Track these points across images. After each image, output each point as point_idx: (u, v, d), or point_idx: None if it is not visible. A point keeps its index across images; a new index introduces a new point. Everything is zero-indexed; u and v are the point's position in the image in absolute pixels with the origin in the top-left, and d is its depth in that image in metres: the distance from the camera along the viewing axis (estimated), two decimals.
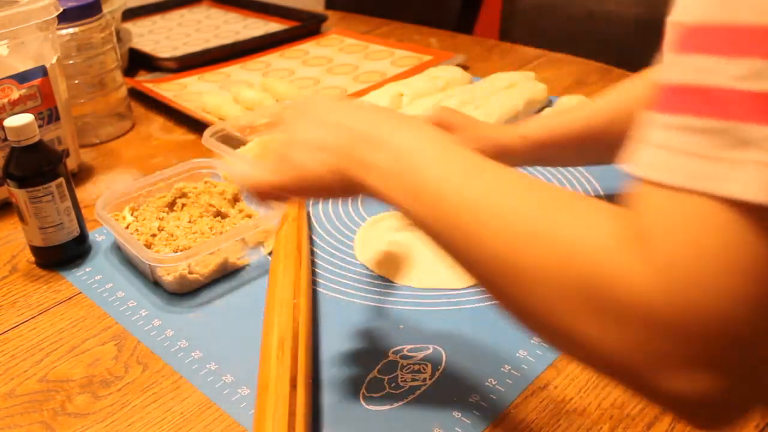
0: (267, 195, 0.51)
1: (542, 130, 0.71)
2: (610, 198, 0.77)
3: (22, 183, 0.69)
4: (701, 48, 0.32)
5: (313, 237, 0.78)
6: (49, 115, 0.87)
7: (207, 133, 0.89)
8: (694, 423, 0.34)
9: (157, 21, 1.61)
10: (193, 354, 0.62)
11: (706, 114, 0.31)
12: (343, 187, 0.48)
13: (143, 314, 0.67)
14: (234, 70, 1.27)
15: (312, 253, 0.75)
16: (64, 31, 0.96)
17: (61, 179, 0.71)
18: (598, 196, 0.79)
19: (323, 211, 0.82)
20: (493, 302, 0.40)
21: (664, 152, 0.32)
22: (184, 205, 0.77)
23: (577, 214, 0.35)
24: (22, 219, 0.72)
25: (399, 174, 0.44)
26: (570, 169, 0.87)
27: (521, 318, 0.38)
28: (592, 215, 0.35)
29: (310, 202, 0.84)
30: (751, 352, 0.31)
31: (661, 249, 0.31)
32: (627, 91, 0.69)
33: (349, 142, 0.47)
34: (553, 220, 0.36)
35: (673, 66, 0.33)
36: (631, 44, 1.31)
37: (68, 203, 0.73)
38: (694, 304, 0.30)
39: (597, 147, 0.70)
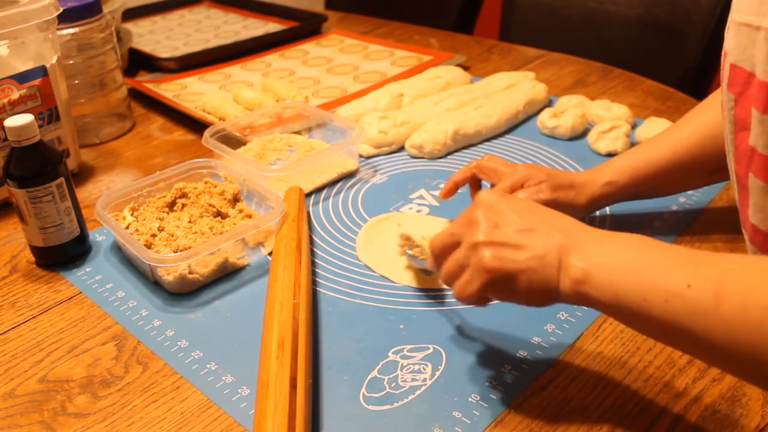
0: (474, 301, 0.52)
1: (625, 171, 0.70)
2: (620, 218, 0.77)
3: (22, 183, 0.70)
4: None
5: (313, 237, 0.78)
6: (49, 115, 0.87)
7: (207, 133, 0.90)
8: None
9: (157, 21, 1.61)
10: (193, 354, 0.62)
11: None
12: (535, 291, 0.49)
13: (143, 314, 0.67)
14: (234, 70, 1.27)
15: (312, 253, 0.75)
16: (64, 31, 0.97)
17: (61, 179, 0.71)
18: (604, 216, 0.79)
19: (323, 211, 0.82)
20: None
21: None
22: (184, 205, 0.77)
23: None
24: (22, 219, 0.72)
25: (619, 276, 0.45)
26: None
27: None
28: None
29: (310, 202, 0.84)
30: None
31: None
32: (701, 116, 0.69)
33: (556, 249, 0.48)
34: None
35: None
36: (631, 44, 1.32)
37: (68, 203, 0.73)
38: None
39: (682, 177, 0.71)
